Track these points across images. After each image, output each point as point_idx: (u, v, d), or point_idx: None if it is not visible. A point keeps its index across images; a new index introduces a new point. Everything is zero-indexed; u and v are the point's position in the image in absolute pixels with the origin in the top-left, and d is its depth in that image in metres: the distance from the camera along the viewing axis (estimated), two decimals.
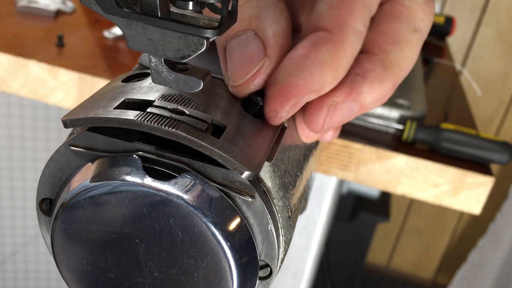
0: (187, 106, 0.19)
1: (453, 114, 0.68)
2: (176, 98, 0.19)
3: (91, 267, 0.20)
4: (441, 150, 0.56)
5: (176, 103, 0.19)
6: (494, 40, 1.57)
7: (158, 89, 0.20)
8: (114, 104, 0.19)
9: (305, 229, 0.67)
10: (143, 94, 0.20)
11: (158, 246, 0.19)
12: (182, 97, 0.20)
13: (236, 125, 0.20)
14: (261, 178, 0.20)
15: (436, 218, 1.87)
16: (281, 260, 0.22)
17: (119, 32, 0.70)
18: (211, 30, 0.17)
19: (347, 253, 1.37)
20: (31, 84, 0.58)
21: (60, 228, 0.19)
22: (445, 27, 1.06)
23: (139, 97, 0.20)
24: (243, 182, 0.19)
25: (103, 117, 0.18)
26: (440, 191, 0.54)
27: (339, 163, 0.55)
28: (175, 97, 0.20)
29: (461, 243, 1.88)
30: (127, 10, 0.17)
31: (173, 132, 0.18)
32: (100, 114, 0.18)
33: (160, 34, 0.17)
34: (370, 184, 0.55)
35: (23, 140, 1.07)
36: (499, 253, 1.30)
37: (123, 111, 0.18)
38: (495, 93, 1.63)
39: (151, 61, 0.19)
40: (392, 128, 0.59)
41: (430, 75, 0.86)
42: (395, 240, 1.95)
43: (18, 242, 1.24)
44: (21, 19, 0.70)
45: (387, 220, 1.34)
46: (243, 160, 0.18)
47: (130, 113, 0.18)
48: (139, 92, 0.20)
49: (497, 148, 0.55)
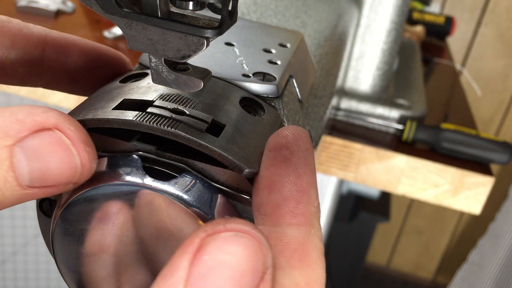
0: (187, 106, 0.19)
1: (453, 114, 0.68)
2: (175, 98, 0.19)
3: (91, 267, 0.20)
4: (441, 150, 0.56)
5: (176, 103, 0.19)
6: (494, 40, 1.57)
7: (157, 88, 0.20)
8: (113, 105, 0.19)
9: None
10: (142, 94, 0.20)
11: (158, 246, 0.19)
12: (181, 96, 0.20)
13: (235, 124, 0.20)
14: None
15: (436, 218, 1.87)
16: None
17: (119, 32, 0.70)
18: (211, 30, 0.17)
19: (347, 253, 1.37)
20: None
21: (60, 228, 0.19)
22: (445, 27, 1.06)
23: (137, 97, 0.19)
24: (244, 181, 0.19)
25: (102, 118, 0.18)
26: (440, 191, 0.54)
27: (339, 163, 0.55)
28: (174, 96, 0.19)
29: (461, 243, 1.88)
30: (127, 10, 0.17)
31: (172, 132, 0.18)
32: (99, 115, 0.18)
33: (160, 34, 0.17)
34: (370, 184, 0.55)
35: None
36: (499, 253, 1.30)
37: (122, 112, 0.18)
38: (495, 93, 1.63)
39: (151, 61, 0.19)
40: (392, 128, 0.59)
41: (430, 75, 0.86)
42: (395, 240, 1.95)
43: (18, 242, 1.24)
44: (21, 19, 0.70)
45: (387, 220, 1.34)
46: (242, 158, 0.18)
47: (129, 114, 0.18)
48: (138, 92, 0.20)
49: (497, 148, 0.55)
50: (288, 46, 0.28)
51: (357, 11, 0.56)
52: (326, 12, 0.45)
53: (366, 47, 0.59)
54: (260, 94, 0.24)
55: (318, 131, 0.32)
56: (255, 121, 0.21)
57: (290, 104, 0.25)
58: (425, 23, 1.05)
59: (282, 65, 0.26)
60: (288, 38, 0.29)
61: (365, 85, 0.60)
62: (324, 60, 0.37)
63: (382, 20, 0.57)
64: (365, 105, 0.60)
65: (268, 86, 0.24)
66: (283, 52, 0.28)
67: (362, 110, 0.60)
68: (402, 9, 0.57)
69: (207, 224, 0.14)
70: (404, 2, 0.57)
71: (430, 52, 0.98)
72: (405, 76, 0.71)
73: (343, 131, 0.57)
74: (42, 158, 0.16)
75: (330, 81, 0.38)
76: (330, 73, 0.39)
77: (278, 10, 0.41)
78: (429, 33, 1.06)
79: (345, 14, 0.50)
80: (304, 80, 0.29)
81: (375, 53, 0.59)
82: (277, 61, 0.26)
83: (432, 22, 1.06)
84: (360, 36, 0.58)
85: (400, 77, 0.70)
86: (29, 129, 0.15)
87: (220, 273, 0.13)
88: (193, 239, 0.14)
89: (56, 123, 0.16)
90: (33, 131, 0.15)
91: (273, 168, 0.17)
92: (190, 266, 0.13)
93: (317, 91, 0.34)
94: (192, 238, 0.14)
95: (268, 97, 0.24)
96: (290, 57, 0.27)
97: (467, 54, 1.60)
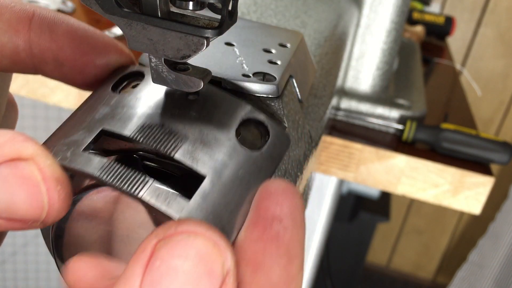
0: (166, 147, 0.17)
1: (453, 114, 0.68)
2: (156, 134, 0.18)
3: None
4: (441, 150, 0.56)
5: (155, 142, 0.17)
6: (494, 40, 1.57)
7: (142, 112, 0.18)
8: (89, 139, 0.18)
9: (305, 229, 0.67)
10: (124, 121, 0.18)
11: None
12: (163, 129, 0.18)
13: (219, 172, 0.17)
14: None
15: (436, 218, 1.87)
16: None
17: (119, 32, 0.70)
18: (211, 30, 0.17)
19: (347, 253, 1.37)
20: (31, 84, 0.58)
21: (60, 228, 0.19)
22: (445, 27, 1.06)
23: (116, 130, 0.18)
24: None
25: (68, 167, 0.17)
26: (440, 191, 0.54)
27: (339, 163, 0.55)
28: (155, 133, 0.18)
29: (461, 243, 1.88)
30: (127, 10, 0.17)
31: (135, 195, 0.16)
32: (66, 159, 0.17)
33: (160, 34, 0.17)
34: (370, 184, 0.55)
35: None
36: (499, 253, 1.30)
37: (89, 159, 0.17)
38: (495, 93, 1.63)
39: (151, 61, 0.19)
40: (392, 128, 0.59)
41: (430, 75, 0.86)
42: (395, 240, 1.95)
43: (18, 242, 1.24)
44: None
45: (387, 220, 1.34)
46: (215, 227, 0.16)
47: (96, 164, 0.17)
48: (121, 118, 0.18)
49: (497, 148, 0.55)
50: (288, 46, 0.28)
51: (357, 11, 0.56)
52: (326, 12, 0.45)
53: (366, 47, 0.59)
54: (260, 94, 0.24)
55: (318, 131, 0.32)
56: (248, 159, 0.18)
57: (290, 104, 0.25)
58: (425, 23, 1.05)
59: (282, 65, 0.26)
60: (288, 38, 0.29)
61: (365, 85, 0.60)
62: (324, 60, 0.37)
63: (382, 20, 0.57)
64: (365, 105, 0.60)
65: (268, 86, 0.24)
66: (283, 52, 0.28)
67: (362, 110, 0.60)
68: (402, 9, 0.57)
69: (159, 227, 0.13)
70: (404, 2, 0.57)
71: (430, 52, 0.98)
72: (405, 76, 0.71)
73: (343, 131, 0.57)
74: (9, 190, 0.14)
75: (330, 81, 0.38)
76: (330, 73, 0.39)
77: (278, 10, 0.41)
78: (429, 33, 1.06)
79: (345, 14, 0.50)
80: (304, 80, 0.29)
81: (375, 53, 0.59)
82: (277, 61, 0.26)
83: (432, 22, 1.06)
84: (360, 36, 0.58)
85: (400, 77, 0.70)
86: (5, 156, 0.14)
87: (173, 279, 0.12)
88: (145, 245, 0.13)
89: (32, 154, 0.15)
90: (8, 159, 0.14)
91: (261, 244, 0.14)
92: (143, 273, 0.13)
93: (317, 91, 0.34)
94: (145, 244, 0.13)
95: (268, 97, 0.24)
96: (290, 57, 0.27)
97: (467, 54, 1.60)
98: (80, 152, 0.17)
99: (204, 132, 0.18)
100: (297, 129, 0.26)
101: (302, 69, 0.29)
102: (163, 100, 0.19)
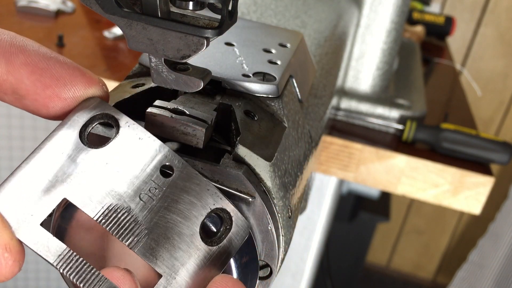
0: (129, 240, 0.17)
1: (453, 114, 0.68)
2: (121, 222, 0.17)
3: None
4: (441, 150, 0.56)
5: (118, 232, 0.17)
6: (494, 40, 1.57)
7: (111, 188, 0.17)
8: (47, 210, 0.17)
9: (305, 229, 0.67)
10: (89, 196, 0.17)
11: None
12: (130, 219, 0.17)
13: (176, 271, 0.18)
14: (261, 178, 0.20)
15: (436, 218, 1.87)
16: (281, 260, 0.22)
17: (119, 32, 0.70)
18: (211, 30, 0.17)
19: (347, 253, 1.37)
20: None
21: (60, 228, 0.19)
22: (445, 27, 1.06)
23: (79, 204, 0.17)
24: (243, 182, 0.19)
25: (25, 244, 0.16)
26: (440, 191, 0.54)
27: (339, 163, 0.55)
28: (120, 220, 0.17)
29: (461, 243, 1.88)
30: (127, 10, 0.17)
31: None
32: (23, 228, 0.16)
33: (160, 34, 0.17)
34: (370, 184, 0.55)
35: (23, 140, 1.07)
36: (499, 253, 1.30)
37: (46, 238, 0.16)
38: (495, 93, 1.63)
39: (151, 61, 0.19)
40: (392, 128, 0.59)
41: (430, 75, 0.86)
42: (395, 240, 1.95)
43: None
44: (21, 19, 0.70)
45: (387, 220, 1.34)
46: None
47: (53, 249, 0.16)
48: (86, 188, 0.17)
49: (497, 148, 0.55)
50: (288, 46, 0.28)
51: (357, 11, 0.56)
52: (326, 12, 0.45)
53: (366, 47, 0.59)
54: (260, 94, 0.24)
55: (318, 131, 0.32)
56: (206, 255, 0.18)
57: (290, 104, 0.25)
58: (425, 23, 1.05)
59: (282, 65, 0.26)
60: (288, 38, 0.29)
61: (365, 85, 0.60)
62: (324, 60, 0.37)
63: (382, 20, 0.57)
64: (365, 105, 0.60)
65: (268, 86, 0.24)
66: (283, 52, 0.28)
67: (362, 110, 0.60)
68: (402, 9, 0.57)
69: None
70: (404, 2, 0.57)
71: (430, 52, 0.98)
72: (405, 76, 0.71)
73: (343, 131, 0.57)
74: None
75: (330, 81, 0.38)
76: (330, 73, 0.39)
77: (278, 10, 0.41)
78: (429, 33, 1.06)
79: (345, 14, 0.50)
80: (304, 80, 0.29)
81: (375, 53, 0.59)
82: (277, 61, 0.26)
83: (432, 22, 1.06)
84: (360, 36, 0.58)
85: (400, 77, 0.70)
86: None
87: None
88: None
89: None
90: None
91: None
92: None
93: (317, 91, 0.34)
94: None
95: (268, 97, 0.24)
96: (290, 57, 0.27)
97: (467, 54, 1.60)
98: (34, 225, 0.16)
99: (169, 225, 0.18)
100: (297, 129, 0.26)
101: (302, 69, 0.29)
102: (135, 173, 0.18)
